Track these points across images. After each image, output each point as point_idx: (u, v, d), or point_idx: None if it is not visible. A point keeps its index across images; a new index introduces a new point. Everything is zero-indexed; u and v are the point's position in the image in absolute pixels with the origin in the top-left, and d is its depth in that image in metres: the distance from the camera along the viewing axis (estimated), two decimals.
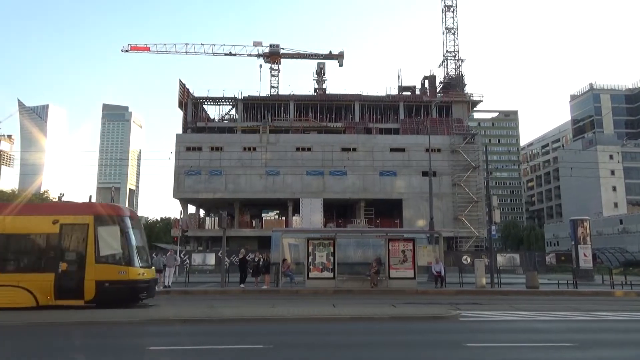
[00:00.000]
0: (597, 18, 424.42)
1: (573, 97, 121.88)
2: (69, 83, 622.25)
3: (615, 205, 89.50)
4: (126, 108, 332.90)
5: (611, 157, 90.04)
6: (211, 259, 37.81)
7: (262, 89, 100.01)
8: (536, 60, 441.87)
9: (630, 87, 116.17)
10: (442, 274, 24.63)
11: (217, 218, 54.68)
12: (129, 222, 15.76)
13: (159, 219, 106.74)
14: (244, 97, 63.22)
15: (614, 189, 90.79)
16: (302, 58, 73.02)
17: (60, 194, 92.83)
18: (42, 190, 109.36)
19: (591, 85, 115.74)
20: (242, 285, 24.18)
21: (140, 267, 15.55)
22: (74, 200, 20.16)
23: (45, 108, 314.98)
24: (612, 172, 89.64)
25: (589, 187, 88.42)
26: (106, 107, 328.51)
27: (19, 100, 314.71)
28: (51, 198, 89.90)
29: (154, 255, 23.86)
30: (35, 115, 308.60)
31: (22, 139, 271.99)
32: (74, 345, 10.06)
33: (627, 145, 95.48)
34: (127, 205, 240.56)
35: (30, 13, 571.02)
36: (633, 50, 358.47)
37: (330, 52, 71.96)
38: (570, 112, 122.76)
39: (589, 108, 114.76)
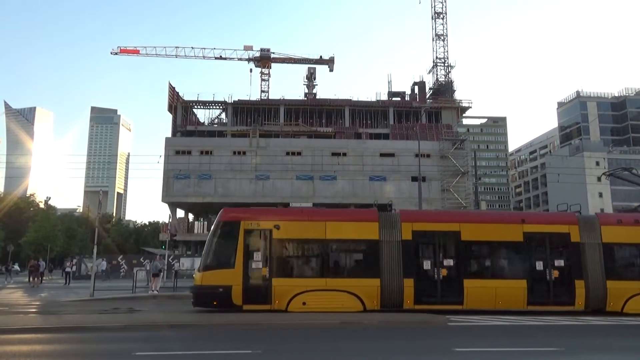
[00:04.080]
0: (585, 27, 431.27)
1: (560, 105, 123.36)
2: (57, 85, 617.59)
3: (602, 211, 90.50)
4: (115, 111, 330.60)
5: (597, 163, 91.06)
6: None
7: (252, 93, 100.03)
8: (524, 68, 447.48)
9: (616, 94, 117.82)
10: None
11: (206, 222, 54.28)
12: None
13: (147, 223, 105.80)
14: (234, 101, 63.07)
15: (600, 195, 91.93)
16: (292, 62, 73.00)
17: (47, 197, 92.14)
18: (28, 194, 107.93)
19: (578, 92, 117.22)
20: None
21: None
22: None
23: (32, 110, 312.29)
24: (599, 179, 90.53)
25: (576, 193, 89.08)
26: (94, 110, 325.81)
27: (5, 102, 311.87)
28: (38, 201, 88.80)
29: (147, 260, 23.47)
30: (22, 117, 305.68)
31: (8, 142, 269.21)
32: None
33: (613, 152, 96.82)
34: (114, 209, 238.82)
35: (18, 14, 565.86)
36: (619, 58, 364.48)
37: (321, 57, 72.05)
38: (557, 119, 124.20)
39: (576, 115, 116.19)
